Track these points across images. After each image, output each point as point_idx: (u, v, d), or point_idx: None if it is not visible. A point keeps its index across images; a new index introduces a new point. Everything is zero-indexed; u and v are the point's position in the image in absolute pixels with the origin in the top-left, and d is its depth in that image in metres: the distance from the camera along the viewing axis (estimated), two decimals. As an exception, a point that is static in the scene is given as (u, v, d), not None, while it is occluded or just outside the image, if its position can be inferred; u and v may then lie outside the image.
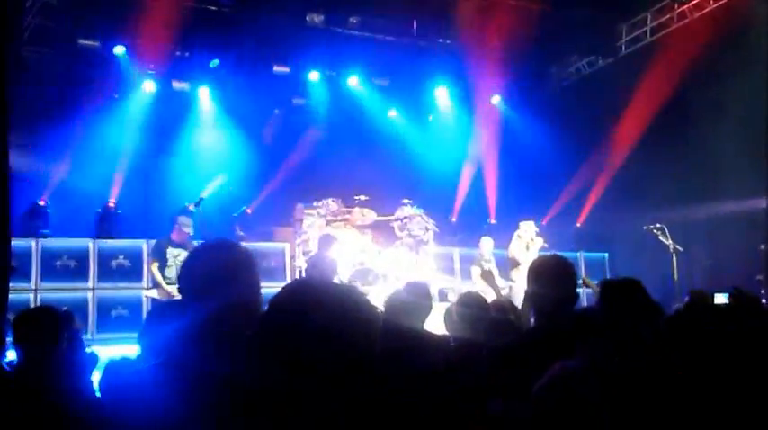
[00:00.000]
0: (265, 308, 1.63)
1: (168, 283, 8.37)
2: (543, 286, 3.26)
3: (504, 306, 4.83)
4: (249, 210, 12.27)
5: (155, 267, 8.48)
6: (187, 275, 1.93)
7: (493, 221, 13.99)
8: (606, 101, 12.84)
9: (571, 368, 2.51)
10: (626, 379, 2.47)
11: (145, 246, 9.84)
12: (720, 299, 6.07)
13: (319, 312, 1.49)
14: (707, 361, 2.64)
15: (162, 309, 3.54)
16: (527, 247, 9.88)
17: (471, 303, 4.37)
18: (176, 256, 8.51)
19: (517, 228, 10.14)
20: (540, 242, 9.96)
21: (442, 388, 2.98)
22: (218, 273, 1.87)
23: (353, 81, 13.70)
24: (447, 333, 4.64)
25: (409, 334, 3.68)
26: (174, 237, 8.58)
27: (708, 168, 11.26)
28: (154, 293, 8.46)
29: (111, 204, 11.09)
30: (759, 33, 10.35)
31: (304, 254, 10.74)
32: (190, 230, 8.59)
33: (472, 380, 3.20)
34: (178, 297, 8.38)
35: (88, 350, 4.13)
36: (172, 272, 8.47)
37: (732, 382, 2.53)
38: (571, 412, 2.42)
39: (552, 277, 3.26)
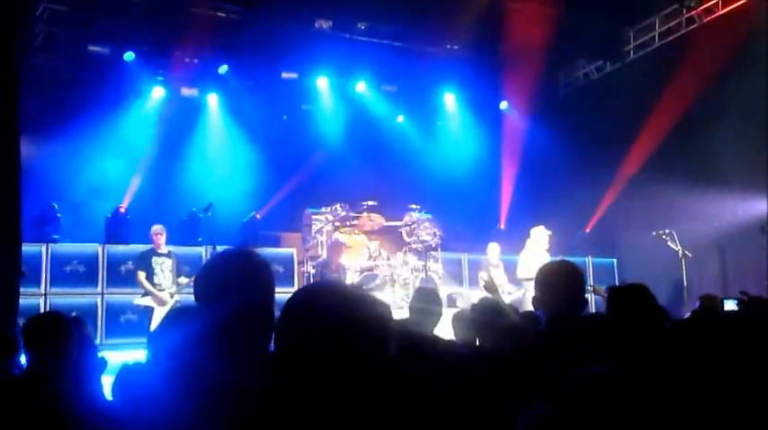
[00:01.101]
0: (278, 313, 1.64)
1: (159, 290, 8.59)
2: (551, 292, 3.24)
3: (528, 315, 4.81)
4: (258, 216, 12.32)
5: (142, 277, 8.79)
6: (203, 282, 1.96)
7: (502, 227, 13.97)
8: (614, 106, 12.81)
9: (599, 375, 2.49)
10: (637, 385, 2.46)
11: (154, 250, 9.89)
12: (730, 305, 6.03)
13: (334, 315, 1.50)
14: (715, 368, 2.63)
15: (175, 314, 3.56)
16: (547, 251, 9.84)
17: (487, 310, 4.36)
18: (161, 264, 8.88)
19: (528, 235, 10.13)
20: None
21: (451, 392, 2.98)
22: (233, 280, 1.90)
23: (361, 87, 13.73)
24: (455, 338, 4.64)
25: (420, 339, 3.68)
26: (155, 246, 9.02)
27: (718, 173, 11.20)
28: (147, 301, 8.63)
29: (122, 210, 11.17)
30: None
31: (312, 259, 10.76)
32: (161, 238, 9.03)
33: (481, 385, 3.20)
34: (170, 301, 8.69)
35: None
36: (159, 279, 8.82)
37: (741, 389, 2.52)
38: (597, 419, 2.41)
39: (560, 282, 3.24)
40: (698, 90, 11.18)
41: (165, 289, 8.66)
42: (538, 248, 9.85)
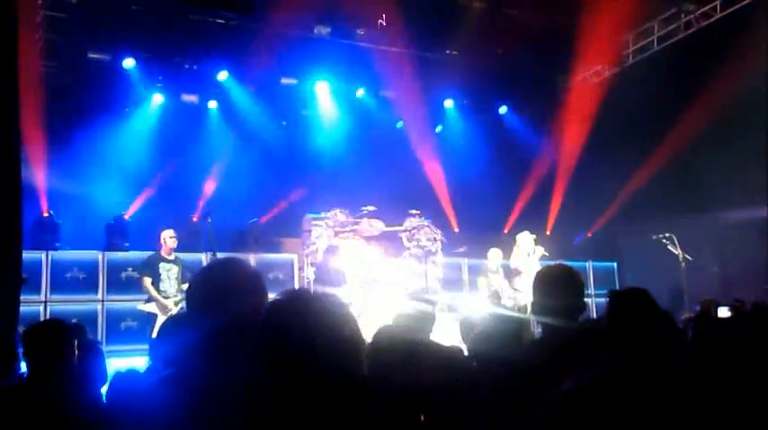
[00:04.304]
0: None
1: (164, 297, 8.47)
2: (549, 296, 3.22)
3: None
4: (260, 222, 12.33)
5: (148, 282, 8.59)
6: (196, 291, 1.97)
7: (506, 231, 13.94)
8: (613, 111, 12.81)
9: (587, 379, 2.49)
10: (638, 388, 2.46)
11: (153, 257, 9.89)
12: (723, 312, 6.01)
13: (304, 325, 1.52)
14: (715, 372, 2.64)
15: (174, 322, 3.57)
16: (528, 256, 9.91)
17: (488, 318, 4.36)
18: (168, 270, 8.66)
19: (514, 241, 10.21)
20: (540, 251, 9.96)
21: (445, 399, 2.98)
22: (226, 289, 1.91)
23: (361, 92, 13.75)
24: (464, 345, 4.64)
25: (414, 345, 3.67)
26: (163, 251, 8.78)
27: (716, 177, 11.21)
28: (151, 307, 8.54)
29: (126, 217, 11.16)
30: (764, 41, 10.33)
31: (312, 265, 10.76)
32: (173, 242, 8.79)
33: (481, 393, 3.20)
34: (174, 310, 8.52)
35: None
36: (165, 285, 8.61)
37: (740, 392, 2.52)
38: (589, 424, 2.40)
39: (559, 286, 3.22)
40: (696, 94, 11.19)
41: (170, 296, 8.53)
42: (524, 253, 9.91)
